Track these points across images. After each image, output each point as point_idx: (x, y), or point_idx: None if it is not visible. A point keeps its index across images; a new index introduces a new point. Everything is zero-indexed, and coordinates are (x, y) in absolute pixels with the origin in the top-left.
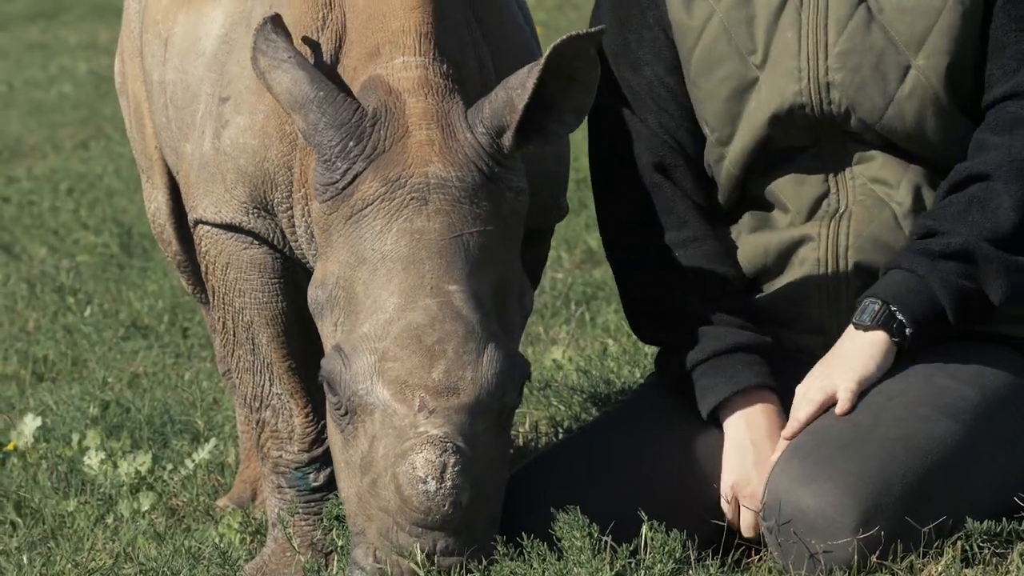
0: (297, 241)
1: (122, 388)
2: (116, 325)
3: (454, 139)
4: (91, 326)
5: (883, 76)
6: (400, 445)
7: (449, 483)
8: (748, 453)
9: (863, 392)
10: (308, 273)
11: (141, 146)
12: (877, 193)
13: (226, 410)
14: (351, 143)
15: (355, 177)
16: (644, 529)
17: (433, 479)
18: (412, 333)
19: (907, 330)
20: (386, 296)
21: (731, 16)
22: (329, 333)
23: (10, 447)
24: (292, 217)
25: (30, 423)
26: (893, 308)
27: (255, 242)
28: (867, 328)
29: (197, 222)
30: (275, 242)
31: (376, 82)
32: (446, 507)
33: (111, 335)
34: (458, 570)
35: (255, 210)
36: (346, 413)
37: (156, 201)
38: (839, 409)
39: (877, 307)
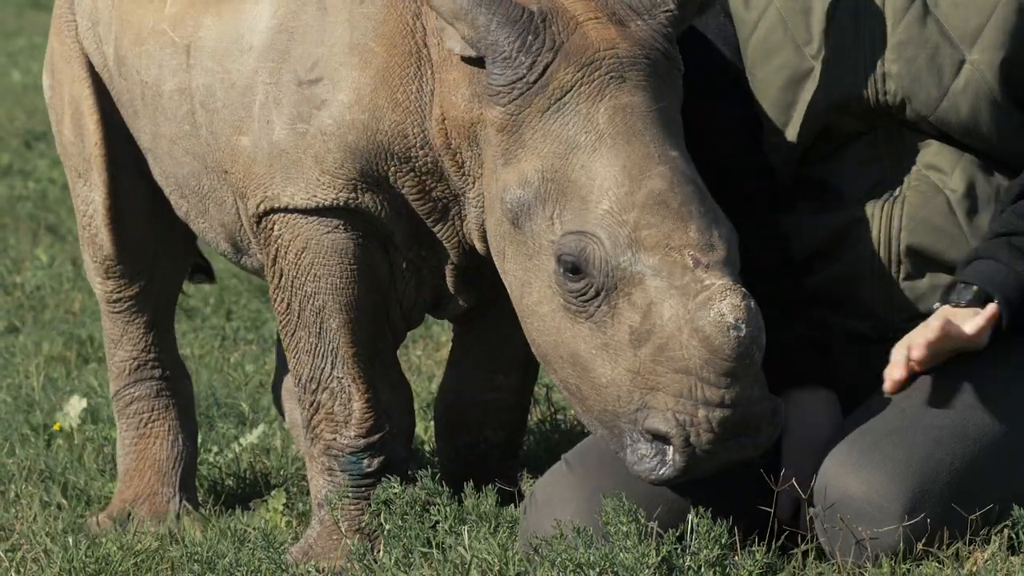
0: (427, 197)
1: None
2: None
3: (625, 25)
4: None
5: (938, 69)
6: (692, 300)
7: (754, 324)
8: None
9: (918, 379)
10: (386, 258)
11: (78, 148)
12: (931, 179)
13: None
14: (529, 37)
15: (546, 68)
16: (691, 516)
17: (743, 323)
18: (657, 199)
19: (1003, 312)
20: (617, 170)
21: (788, 6)
22: (544, 229)
23: (56, 428)
24: (422, 179)
25: (76, 405)
26: (992, 292)
27: (340, 226)
28: (964, 306)
29: (270, 211)
30: (382, 215)
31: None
32: (753, 350)
33: None
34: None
35: (364, 185)
36: (595, 295)
37: (93, 203)
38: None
39: (975, 289)
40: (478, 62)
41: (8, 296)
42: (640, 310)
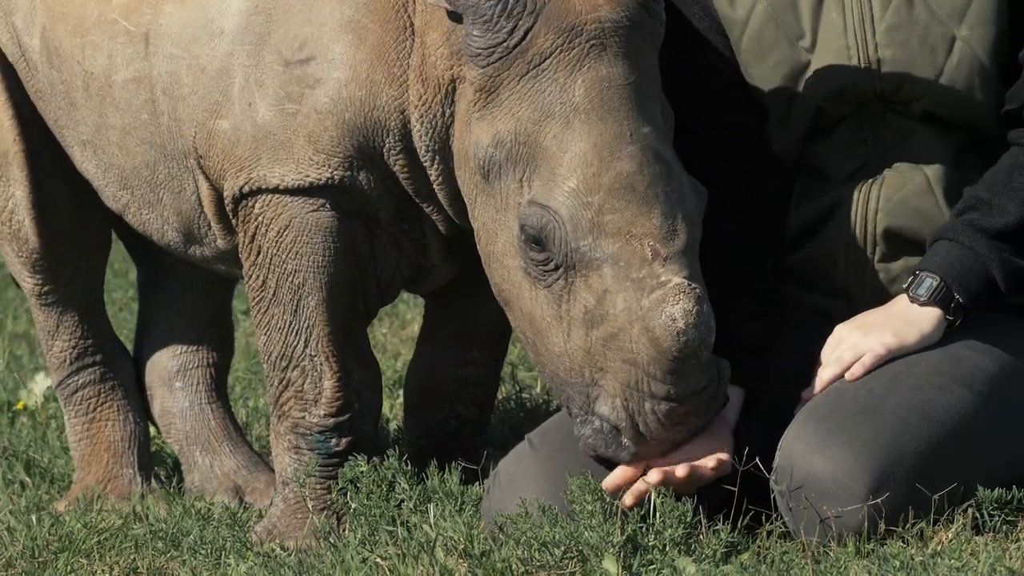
0: (413, 174)
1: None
2: (127, 285)
3: None
4: None
5: (931, 49)
6: (646, 297)
7: (704, 328)
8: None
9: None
10: (368, 235)
11: None
12: (912, 161)
13: (236, 371)
14: (511, 0)
15: (526, 32)
16: (653, 495)
17: (693, 327)
18: (624, 182)
19: (962, 308)
20: (587, 148)
21: (776, 2)
22: (513, 190)
23: (19, 406)
24: (413, 155)
25: (41, 382)
26: (952, 286)
27: (325, 204)
28: (923, 303)
29: (255, 191)
30: (372, 193)
31: None
32: (703, 351)
33: (121, 295)
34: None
35: (360, 162)
36: (555, 269)
37: (14, 198)
38: (850, 374)
39: (935, 283)
40: (456, 17)
41: None
42: (595, 294)
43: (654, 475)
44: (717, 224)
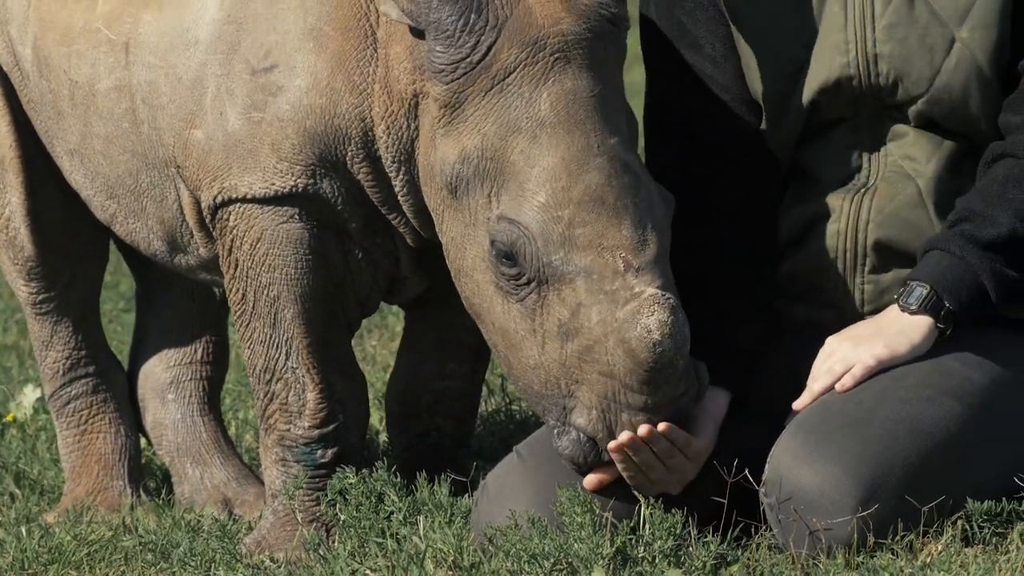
0: (379, 183)
1: (123, 360)
2: (116, 297)
3: None
4: None
5: (930, 48)
6: (620, 309)
7: (679, 337)
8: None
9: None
10: (341, 247)
11: None
12: (905, 169)
13: (226, 383)
14: (472, 16)
15: (489, 48)
16: (643, 506)
17: (668, 337)
18: (594, 195)
19: (953, 317)
20: (555, 162)
21: None
22: (481, 205)
23: (9, 418)
24: (377, 164)
25: (30, 394)
26: (942, 295)
27: (295, 216)
28: (913, 312)
29: (227, 201)
30: (339, 203)
31: None
32: (679, 360)
33: (111, 307)
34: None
35: (322, 170)
36: (527, 283)
37: (10, 204)
38: (840, 386)
39: (925, 292)
40: (417, 32)
41: None
42: (569, 307)
43: (643, 428)
44: (715, 228)
